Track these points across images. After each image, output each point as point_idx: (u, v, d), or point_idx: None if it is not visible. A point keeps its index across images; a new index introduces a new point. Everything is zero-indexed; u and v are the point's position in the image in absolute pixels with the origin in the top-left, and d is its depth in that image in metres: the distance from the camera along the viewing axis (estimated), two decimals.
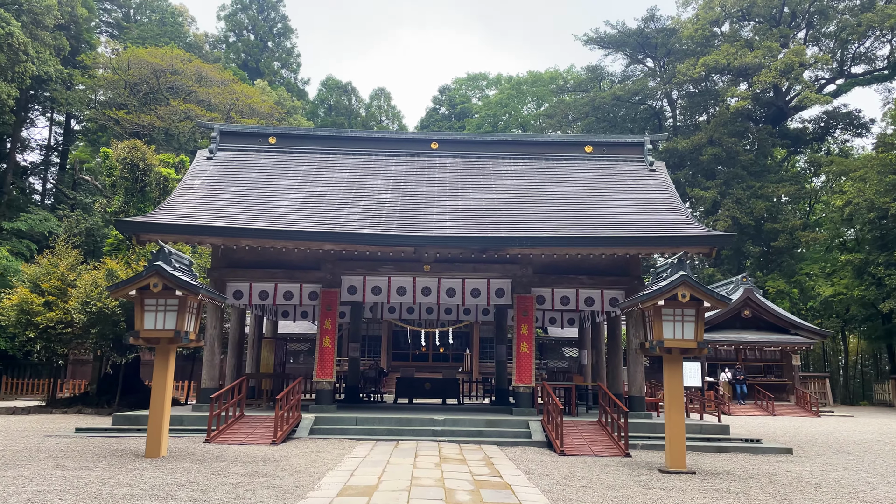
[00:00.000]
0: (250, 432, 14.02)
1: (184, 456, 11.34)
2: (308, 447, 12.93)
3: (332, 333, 17.13)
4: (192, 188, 18.50)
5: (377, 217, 17.18)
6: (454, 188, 19.28)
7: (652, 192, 19.10)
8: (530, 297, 17.29)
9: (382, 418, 15.47)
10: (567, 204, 18.38)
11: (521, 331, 17.19)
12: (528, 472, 10.62)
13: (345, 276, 17.63)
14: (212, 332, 17.01)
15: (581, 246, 15.86)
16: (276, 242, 15.91)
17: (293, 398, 14.93)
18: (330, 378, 16.90)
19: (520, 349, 17.07)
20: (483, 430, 15.05)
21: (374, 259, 17.40)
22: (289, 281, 17.51)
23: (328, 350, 17.05)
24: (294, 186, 18.91)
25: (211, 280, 17.36)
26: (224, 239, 15.88)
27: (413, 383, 22.61)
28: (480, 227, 16.67)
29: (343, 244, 15.97)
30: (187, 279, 11.09)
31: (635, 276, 17.46)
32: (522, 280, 17.33)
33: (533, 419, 15.64)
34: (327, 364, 16.97)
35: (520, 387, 16.88)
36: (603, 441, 14.05)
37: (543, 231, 16.42)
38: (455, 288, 17.76)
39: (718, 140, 45.21)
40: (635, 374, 17.06)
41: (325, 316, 17.20)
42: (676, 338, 11.24)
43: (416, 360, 34.19)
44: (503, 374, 22.77)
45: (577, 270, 17.53)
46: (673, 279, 11.06)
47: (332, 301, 17.23)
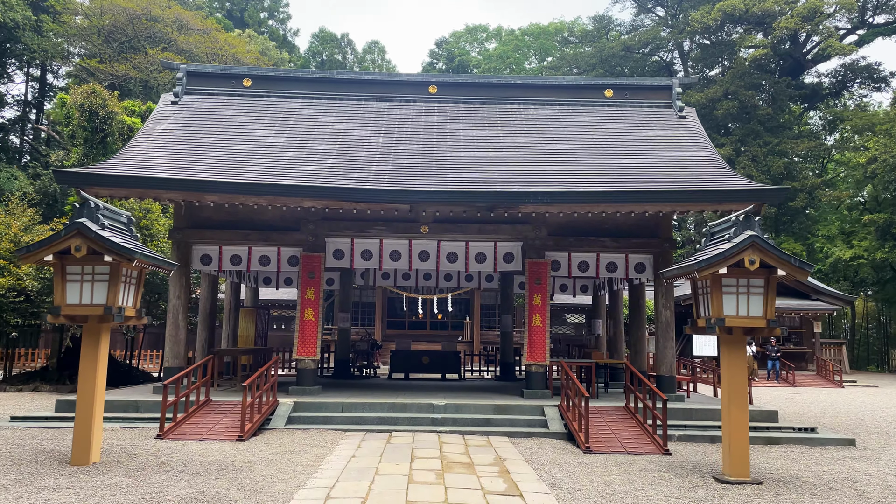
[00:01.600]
0: (215, 423, 11.76)
1: (121, 462, 9.06)
2: (281, 444, 10.68)
3: (316, 304, 14.81)
4: (151, 136, 15.95)
5: (367, 170, 14.71)
6: (456, 138, 16.76)
7: (683, 141, 16.61)
8: (544, 262, 14.93)
9: (373, 403, 13.24)
10: (586, 155, 15.90)
11: (533, 301, 14.87)
12: (553, 484, 8.38)
13: (330, 239, 15.22)
14: (175, 303, 14.65)
15: (607, 202, 13.43)
16: (246, 198, 13.47)
17: (267, 381, 12.66)
18: (313, 355, 14.62)
19: (532, 322, 14.78)
20: (491, 419, 12.84)
21: (364, 219, 14.98)
22: (265, 244, 15.10)
23: (311, 324, 14.74)
24: (271, 135, 16.37)
25: (174, 243, 14.94)
26: (185, 194, 13.42)
27: (409, 357, 20.40)
28: (487, 182, 14.22)
29: (326, 200, 13.52)
30: (119, 241, 8.68)
31: (665, 239, 15.08)
32: (535, 243, 14.95)
33: (548, 404, 13.43)
34: (310, 339, 14.67)
35: (532, 365, 14.64)
36: (634, 433, 11.84)
37: (560, 186, 13.98)
38: (457, 252, 15.38)
39: (735, 93, 42.44)
40: (664, 351, 14.79)
41: (306, 284, 14.84)
42: (740, 315, 8.90)
43: (413, 328, 32.03)
44: (509, 347, 20.57)
45: (599, 232, 15.14)
46: (739, 241, 8.68)
47: (314, 267, 14.85)
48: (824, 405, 19.93)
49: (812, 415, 16.96)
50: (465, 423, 12.68)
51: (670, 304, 14.86)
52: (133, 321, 9.44)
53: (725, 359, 9.19)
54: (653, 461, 10.18)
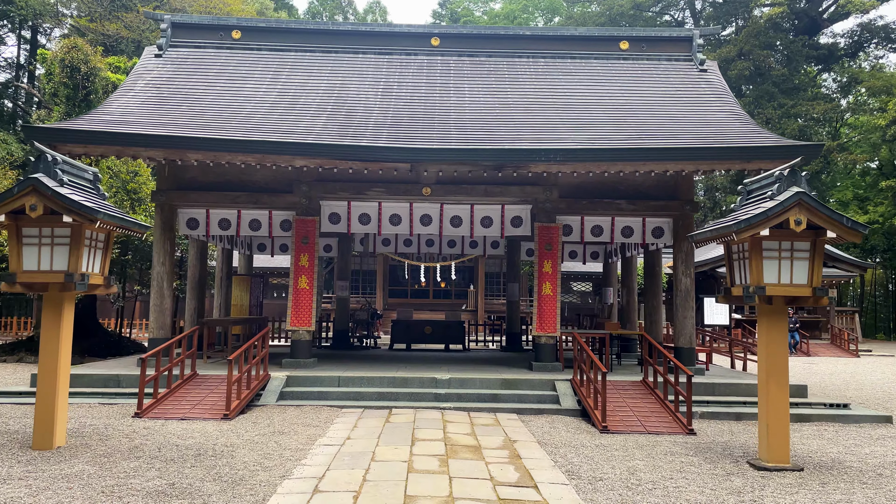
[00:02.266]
0: (199, 400, 10.85)
1: (88, 446, 8.16)
2: (270, 423, 9.78)
3: (311, 272, 13.82)
4: (133, 91, 14.81)
5: (363, 127, 13.59)
6: (460, 93, 15.59)
7: (705, 96, 15.42)
8: (555, 226, 13.88)
9: (372, 377, 12.32)
10: (601, 111, 14.74)
11: (542, 268, 13.87)
12: (571, 472, 7.46)
13: (325, 202, 14.17)
14: (159, 270, 13.67)
15: (625, 160, 12.33)
16: (233, 157, 12.40)
17: (257, 354, 11.74)
18: (308, 326, 13.68)
19: (541, 290, 13.79)
20: (498, 394, 11.92)
21: (361, 180, 13.91)
22: (255, 207, 14.06)
23: (305, 292, 13.77)
24: (261, 91, 15.22)
25: (157, 206, 13.91)
26: (166, 152, 12.34)
27: (411, 327, 19.49)
28: (494, 140, 13.11)
29: (319, 159, 12.44)
30: (80, 199, 7.65)
31: (686, 201, 13.99)
32: (546, 206, 13.89)
33: (559, 378, 12.50)
34: (304, 309, 13.72)
35: (541, 336, 13.69)
36: (653, 410, 10.92)
37: (573, 143, 12.86)
38: (461, 216, 14.33)
39: (748, 53, 40.87)
40: (684, 321, 13.82)
41: (300, 250, 13.84)
42: (782, 282, 7.88)
43: (415, 296, 31.14)
44: (515, 316, 19.64)
45: (614, 193, 14.07)
46: (784, 198, 7.62)
47: (308, 232, 13.83)
48: (845, 377, 19.04)
49: (835, 388, 16.06)
50: (471, 399, 11.78)
51: (690, 271, 13.84)
52: (101, 290, 8.45)
53: (765, 331, 8.19)
54: (677, 442, 9.26)
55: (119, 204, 20.19)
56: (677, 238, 13.98)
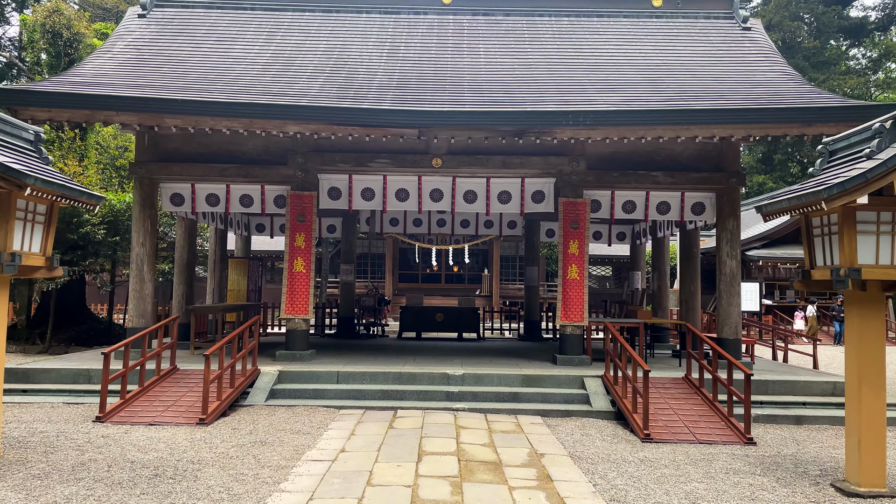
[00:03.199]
0: (175, 400, 9.42)
1: (26, 461, 6.75)
2: (254, 429, 8.34)
3: (307, 253, 12.34)
4: (110, 53, 13.32)
5: (365, 90, 12.03)
6: (475, 56, 13.98)
7: (750, 56, 13.72)
8: (582, 202, 12.30)
9: (375, 373, 10.85)
10: (633, 72, 13.09)
11: (568, 249, 12.30)
12: (616, 500, 5.96)
13: (323, 175, 12.65)
14: (138, 251, 12.23)
15: (666, 123, 10.70)
16: (216, 121, 10.88)
17: (244, 346, 10.29)
18: (304, 314, 12.21)
19: (567, 274, 12.23)
20: (519, 393, 10.42)
21: (363, 150, 12.38)
22: (245, 181, 12.55)
23: (301, 277, 12.29)
24: (253, 53, 13.69)
25: (136, 180, 12.45)
26: (141, 116, 10.84)
27: (421, 314, 18.01)
28: (514, 103, 11.51)
29: (313, 123, 10.90)
30: (4, 159, 6.16)
31: (732, 172, 12.34)
32: (572, 179, 12.29)
33: (588, 373, 10.98)
34: (300, 295, 12.25)
35: (567, 326, 12.15)
36: (702, 413, 9.37)
37: (605, 105, 11.25)
38: (476, 191, 12.76)
39: (778, 25, 38.86)
40: (729, 309, 12.22)
41: (295, 229, 12.35)
42: (881, 263, 6.28)
43: (426, 281, 29.66)
44: (534, 303, 18.10)
45: (650, 164, 12.45)
46: (887, 157, 6.00)
47: (305, 208, 12.33)
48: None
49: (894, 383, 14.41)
50: (488, 399, 10.30)
51: (736, 252, 12.21)
52: (42, 273, 6.99)
53: (856, 323, 6.60)
54: (736, 455, 7.73)
55: (107, 181, 18.79)
56: (721, 215, 12.36)
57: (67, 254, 16.42)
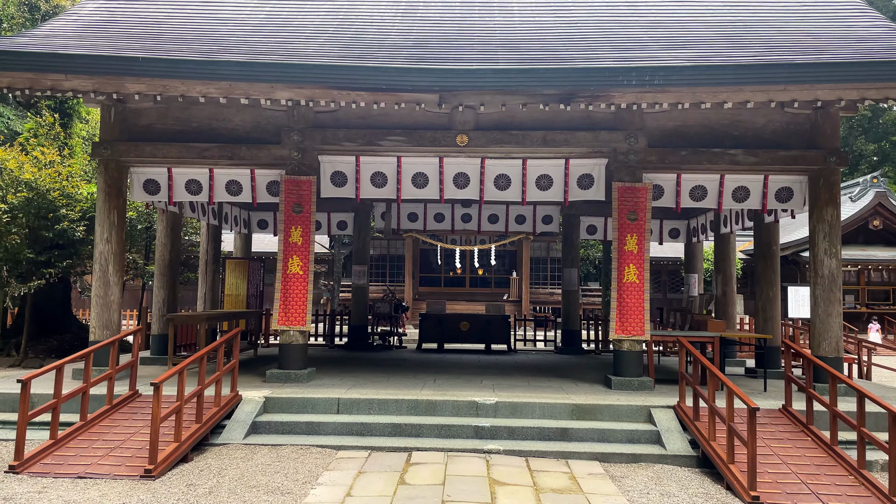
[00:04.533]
0: (123, 440, 7.26)
1: None
2: (216, 487, 6.12)
3: (304, 251, 10.15)
4: (77, 14, 11.29)
5: (375, 48, 9.82)
6: (508, 12, 11.72)
7: (840, 8, 11.29)
8: (642, 187, 9.96)
9: (386, 400, 8.60)
10: (703, 27, 10.72)
11: (624, 245, 9.97)
12: None
13: (325, 157, 10.46)
14: (102, 249, 10.12)
15: (762, 82, 8.33)
16: (188, 86, 8.76)
17: (219, 366, 8.11)
18: (300, 325, 10.00)
19: (623, 277, 9.89)
20: (568, 428, 8.10)
21: (372, 125, 10.17)
22: (231, 163, 10.39)
23: (297, 280, 10.10)
24: (244, 12, 11.57)
25: (100, 163, 10.34)
26: (95, 80, 8.74)
27: (444, 322, 15.75)
28: (558, 62, 9.21)
29: (308, 87, 8.71)
30: None
31: (830, 150, 9.88)
32: (629, 158, 9.96)
33: (656, 403, 8.62)
34: (296, 302, 10.05)
35: (623, 341, 9.80)
36: (820, 463, 6.97)
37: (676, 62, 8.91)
38: (510, 175, 10.47)
39: None
40: (827, 321, 9.76)
41: (290, 221, 10.17)
42: None
43: (450, 284, 27.42)
44: (573, 310, 15.74)
45: (724, 140, 10.08)
46: None
47: (302, 196, 10.14)
48: None
49: None
50: (529, 436, 8.01)
51: (836, 250, 9.76)
52: None
53: None
54: None
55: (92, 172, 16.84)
56: (816, 203, 9.93)
57: (43, 254, 14.47)
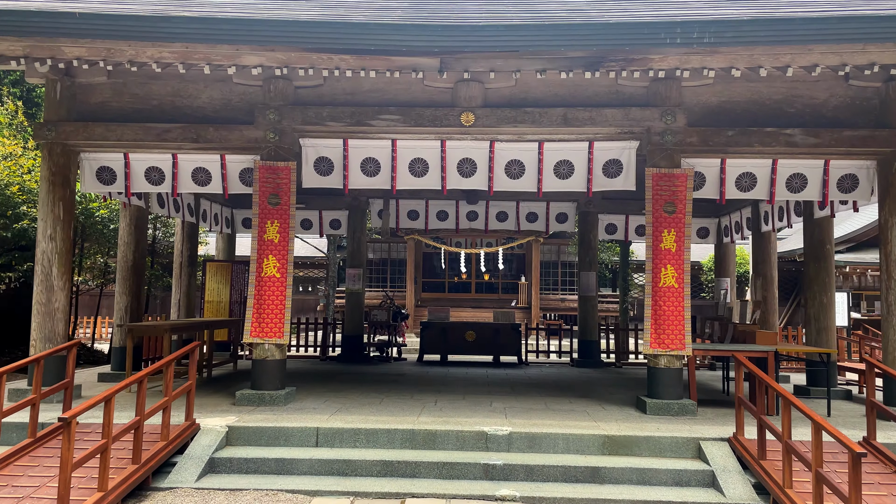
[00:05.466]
0: (38, 486, 5.70)
1: None
2: None
3: (282, 250, 8.60)
4: None
5: (364, 5, 8.30)
6: None
7: None
8: (682, 174, 8.39)
9: (375, 431, 7.04)
10: None
11: (660, 243, 8.39)
12: None
13: (307, 140, 8.94)
14: (46, 248, 8.59)
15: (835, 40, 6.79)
16: (137, 49, 7.27)
17: (168, 390, 6.56)
18: (277, 337, 8.44)
19: (659, 280, 8.32)
20: (600, 468, 6.51)
21: (362, 102, 8.65)
22: (197, 147, 8.87)
23: (274, 283, 8.55)
24: None
25: (42, 147, 8.84)
26: (24, 42, 7.25)
27: (447, 332, 14.19)
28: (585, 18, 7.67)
29: (282, 49, 7.20)
30: None
31: None
32: (665, 140, 8.40)
33: (706, 435, 7.02)
34: (272, 310, 8.49)
35: (660, 356, 8.22)
36: None
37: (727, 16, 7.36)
38: (524, 160, 8.92)
39: None
40: None
41: (266, 215, 8.63)
42: None
43: (454, 290, 25.85)
44: (591, 317, 14.17)
45: (778, 119, 8.51)
46: None
47: (280, 186, 8.60)
48: None
49: None
50: (551, 476, 6.43)
51: None
52: None
53: None
54: None
55: None
56: (888, 192, 8.35)
57: (2, 256, 13.07)
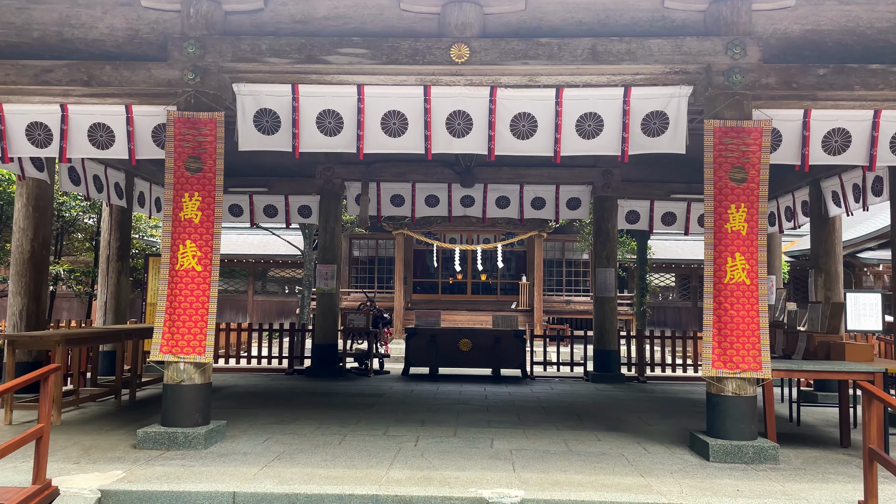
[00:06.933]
0: None
1: None
2: None
3: (206, 234, 6.24)
4: None
5: None
6: None
7: None
8: (756, 127, 6.05)
9: (322, 497, 4.69)
10: None
11: (725, 223, 6.06)
12: None
13: (243, 85, 6.59)
14: None
15: None
16: None
17: None
18: (196, 353, 6.09)
19: (724, 274, 5.99)
20: None
21: (318, 31, 6.34)
22: (91, 94, 6.51)
23: (194, 280, 6.20)
24: None
25: None
26: None
27: (438, 340, 11.85)
28: None
29: None
30: None
31: None
32: (731, 81, 6.07)
33: (812, 501, 4.71)
34: (189, 317, 6.14)
35: (727, 379, 5.88)
36: None
37: None
38: (534, 113, 6.58)
39: None
40: None
41: (182, 185, 6.27)
42: None
43: (448, 291, 23.52)
44: (609, 323, 11.85)
45: (883, 54, 6.22)
46: None
47: (204, 146, 6.24)
48: None
49: None
50: None
51: None
52: None
53: None
54: None
55: None
56: None
57: None
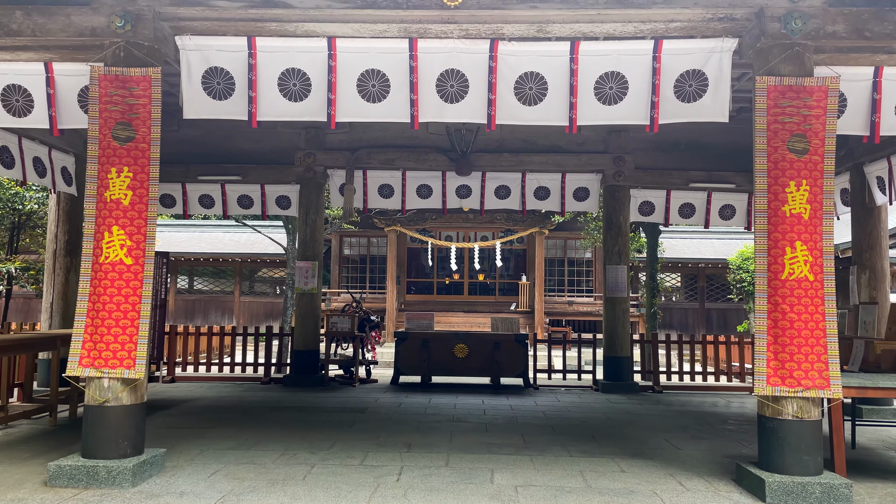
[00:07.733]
0: None
1: None
2: None
3: (138, 220, 5.02)
4: None
5: None
6: None
7: None
8: (819, 87, 4.85)
9: None
10: None
11: (784, 204, 4.85)
12: None
13: (186, 37, 5.37)
14: None
15: None
16: None
17: None
18: (124, 367, 4.88)
19: (782, 268, 4.79)
20: None
21: None
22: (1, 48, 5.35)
23: (122, 275, 4.96)
24: None
25: None
26: None
27: (431, 345, 10.63)
28: None
29: None
30: None
31: None
32: (789, 28, 4.88)
33: None
34: (115, 321, 4.91)
35: (787, 399, 4.68)
36: None
37: None
38: (545, 73, 5.39)
39: None
40: None
41: (109, 159, 5.04)
42: None
43: (444, 292, 22.30)
44: (621, 327, 10.65)
45: None
46: None
47: (135, 109, 5.03)
48: None
49: None
50: None
51: None
52: None
53: None
54: None
55: None
56: None
57: None
